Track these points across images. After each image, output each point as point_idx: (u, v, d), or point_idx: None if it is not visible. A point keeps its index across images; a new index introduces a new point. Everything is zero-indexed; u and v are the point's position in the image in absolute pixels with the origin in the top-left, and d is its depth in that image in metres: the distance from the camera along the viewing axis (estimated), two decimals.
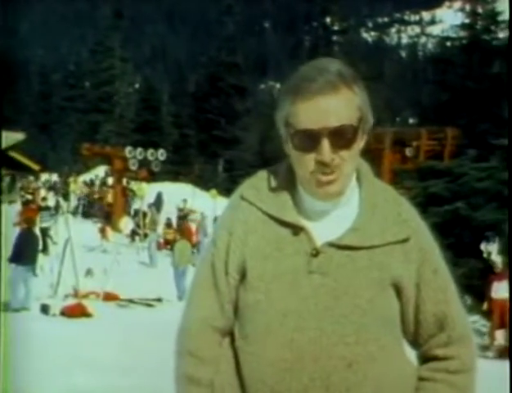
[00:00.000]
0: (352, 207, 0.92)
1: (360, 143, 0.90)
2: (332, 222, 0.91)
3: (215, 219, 15.50)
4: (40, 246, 9.20)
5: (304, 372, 0.86)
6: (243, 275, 0.92)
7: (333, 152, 0.86)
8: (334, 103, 0.86)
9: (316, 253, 0.89)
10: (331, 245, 0.89)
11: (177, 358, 0.96)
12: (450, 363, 0.91)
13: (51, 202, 17.80)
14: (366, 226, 0.90)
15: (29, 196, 17.51)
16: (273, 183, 0.94)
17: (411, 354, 0.96)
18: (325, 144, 0.85)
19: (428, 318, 0.91)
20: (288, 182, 0.94)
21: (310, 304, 0.87)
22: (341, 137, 0.86)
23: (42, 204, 15.17)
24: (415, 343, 0.95)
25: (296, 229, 0.90)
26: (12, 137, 17.33)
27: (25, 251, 7.74)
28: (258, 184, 0.96)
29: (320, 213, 0.91)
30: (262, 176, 0.97)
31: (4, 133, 14.52)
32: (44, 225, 13.01)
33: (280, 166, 0.97)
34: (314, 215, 0.92)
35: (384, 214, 0.91)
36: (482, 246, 8.33)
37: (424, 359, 0.94)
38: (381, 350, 0.88)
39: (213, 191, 19.03)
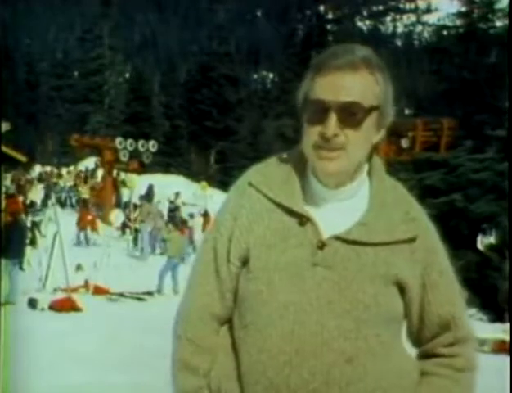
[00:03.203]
0: (360, 202, 0.91)
1: (371, 131, 0.88)
2: (340, 214, 0.89)
3: (205, 213, 15.36)
4: (28, 239, 8.97)
5: (304, 366, 0.85)
6: (245, 263, 0.91)
7: (339, 128, 0.85)
8: (349, 80, 0.85)
9: (321, 245, 0.87)
10: (338, 238, 0.88)
11: (175, 341, 0.95)
12: (456, 361, 0.92)
13: (40, 195, 17.46)
14: (374, 222, 0.89)
15: (14, 189, 17.14)
16: (283, 171, 0.92)
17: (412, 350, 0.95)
18: (332, 117, 0.85)
19: (433, 318, 0.91)
20: (298, 171, 0.92)
21: (312, 297, 0.86)
22: (349, 114, 0.85)
23: (31, 197, 14.90)
24: (417, 342, 0.95)
25: (303, 219, 0.89)
26: None
27: (11, 245, 7.49)
28: (267, 171, 0.93)
29: (327, 203, 0.90)
30: (271, 163, 0.95)
31: None
32: (35, 219, 12.86)
33: (290, 154, 0.95)
34: (322, 206, 0.90)
35: (393, 211, 0.90)
36: (479, 239, 8.28)
37: (427, 355, 0.94)
38: (381, 345, 0.87)
39: (203, 184, 18.91)
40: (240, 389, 0.88)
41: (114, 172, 18.64)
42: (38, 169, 25.11)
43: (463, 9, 17.84)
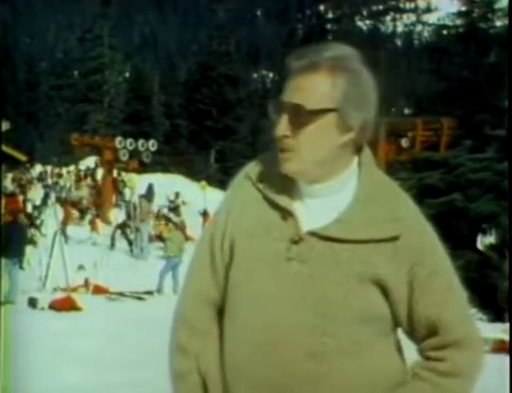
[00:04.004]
0: (347, 196, 0.89)
1: (330, 133, 0.87)
2: (323, 210, 0.89)
3: (204, 212, 15.35)
4: (27, 239, 8.97)
5: (269, 359, 0.85)
6: (232, 253, 0.92)
7: (290, 130, 0.87)
8: (307, 82, 0.86)
9: (297, 240, 0.87)
10: (313, 234, 0.87)
11: (173, 327, 0.97)
12: (439, 364, 0.88)
13: (40, 194, 17.45)
14: (352, 218, 0.87)
15: (14, 188, 17.14)
16: (275, 166, 0.93)
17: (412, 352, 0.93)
18: (282, 119, 0.87)
19: (421, 319, 0.89)
20: None
21: (285, 291, 0.87)
22: (296, 117, 0.86)
23: (31, 197, 14.89)
24: (412, 341, 0.94)
25: (285, 214, 0.89)
26: None
27: (11, 244, 7.49)
28: (263, 164, 0.96)
29: (313, 199, 0.90)
30: (267, 157, 0.96)
31: None
32: (36, 222, 12.87)
33: None
34: (308, 202, 0.90)
35: (377, 208, 0.88)
36: (479, 239, 8.27)
37: (421, 356, 0.93)
38: (355, 344, 0.85)
39: (203, 183, 18.88)
40: (222, 376, 0.90)
41: (115, 171, 18.64)
42: (38, 168, 25.12)
43: (463, 8, 17.81)
